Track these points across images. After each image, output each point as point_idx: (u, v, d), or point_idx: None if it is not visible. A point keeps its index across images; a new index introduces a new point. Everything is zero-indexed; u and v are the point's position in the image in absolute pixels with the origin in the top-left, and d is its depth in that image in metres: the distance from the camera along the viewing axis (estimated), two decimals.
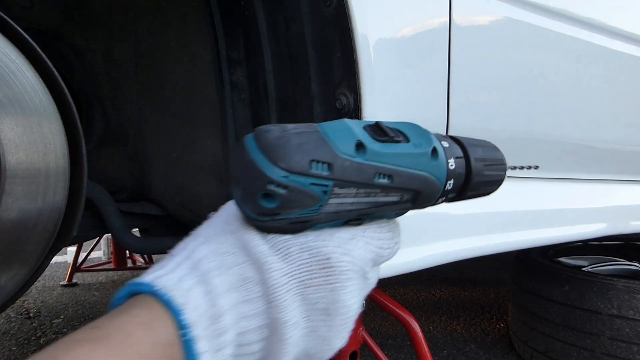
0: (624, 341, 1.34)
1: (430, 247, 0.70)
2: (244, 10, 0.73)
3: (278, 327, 0.34)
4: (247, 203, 0.32)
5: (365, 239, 0.38)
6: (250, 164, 0.31)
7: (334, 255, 0.35)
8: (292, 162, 0.30)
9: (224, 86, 0.79)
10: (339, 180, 0.32)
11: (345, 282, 0.35)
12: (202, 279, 0.32)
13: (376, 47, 0.62)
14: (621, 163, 1.22)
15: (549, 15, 0.89)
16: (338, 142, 0.32)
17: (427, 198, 0.38)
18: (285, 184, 0.30)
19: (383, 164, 0.34)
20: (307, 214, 0.33)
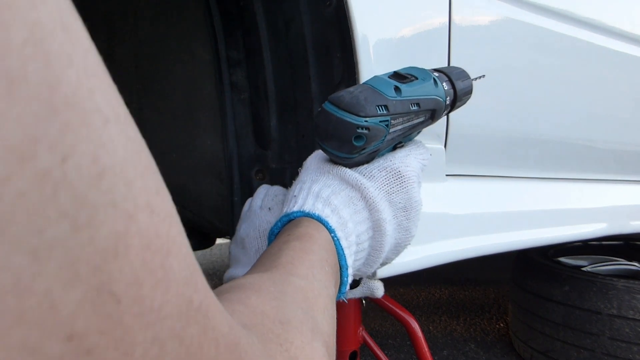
0: (624, 341, 1.34)
1: (430, 247, 0.70)
2: (244, 10, 0.74)
3: (380, 225, 0.48)
4: (344, 147, 0.45)
5: (414, 154, 0.52)
6: (340, 121, 0.44)
7: (401, 168, 0.50)
8: (367, 110, 0.44)
9: (223, 86, 0.79)
10: (394, 114, 0.46)
11: (413, 184, 0.50)
12: (326, 202, 0.46)
13: (376, 47, 0.62)
14: (621, 163, 1.22)
15: (549, 15, 0.89)
16: (385, 90, 0.46)
17: (439, 113, 0.53)
18: (368, 126, 0.44)
19: (412, 96, 0.48)
20: (378, 144, 0.47)
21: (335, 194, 0.47)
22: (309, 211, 0.44)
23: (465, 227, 0.78)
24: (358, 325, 0.81)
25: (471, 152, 0.84)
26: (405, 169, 0.50)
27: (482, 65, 0.81)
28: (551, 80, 0.94)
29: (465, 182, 0.84)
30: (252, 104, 0.80)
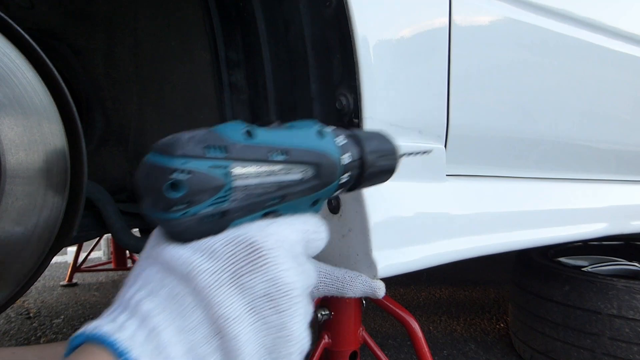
0: (624, 341, 1.34)
1: (430, 247, 0.70)
2: (243, 11, 0.73)
3: (222, 327, 0.33)
4: (158, 204, 0.33)
5: (287, 222, 0.38)
6: (151, 167, 0.33)
7: (256, 238, 0.35)
8: (187, 150, 0.33)
9: (223, 87, 0.79)
10: (236, 159, 0.34)
11: (276, 259, 0.35)
12: (133, 312, 0.32)
13: (376, 48, 0.62)
14: (621, 163, 1.22)
15: (549, 15, 0.89)
16: (227, 133, 0.35)
17: (329, 173, 0.41)
18: (187, 169, 0.32)
19: (274, 143, 0.37)
20: (219, 202, 0.34)
21: (152, 293, 0.33)
22: (94, 332, 0.31)
23: (466, 227, 0.78)
24: (358, 325, 0.81)
25: (471, 152, 0.84)
26: (263, 239, 0.35)
27: (482, 65, 0.81)
28: (551, 80, 0.94)
29: (465, 182, 0.84)
30: (252, 105, 0.80)
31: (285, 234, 0.37)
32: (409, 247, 0.68)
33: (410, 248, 0.68)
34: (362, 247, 0.62)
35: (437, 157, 0.75)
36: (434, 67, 0.72)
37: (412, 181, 0.70)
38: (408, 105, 0.69)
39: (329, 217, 0.66)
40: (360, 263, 0.62)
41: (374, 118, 0.63)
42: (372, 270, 0.61)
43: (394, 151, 0.49)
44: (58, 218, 0.56)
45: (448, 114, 0.76)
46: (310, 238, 0.40)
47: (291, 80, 0.71)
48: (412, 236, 0.69)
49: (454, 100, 0.76)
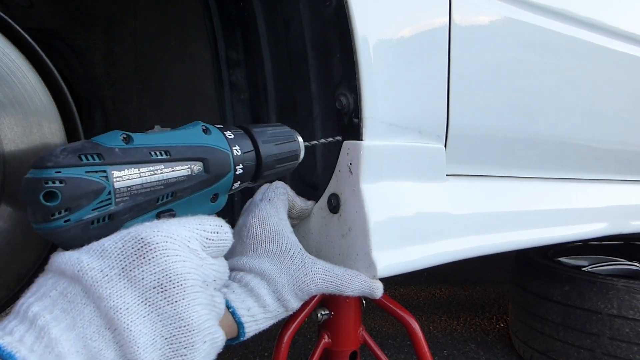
0: (624, 341, 1.34)
1: (430, 247, 0.70)
2: (243, 10, 0.74)
3: (113, 319, 0.33)
4: (38, 215, 0.33)
5: (180, 220, 0.39)
6: (26, 182, 0.34)
7: (146, 234, 0.35)
8: (59, 160, 0.33)
9: (223, 87, 0.79)
10: (114, 163, 0.35)
11: (166, 252, 0.35)
12: (23, 317, 0.32)
13: (376, 48, 0.62)
14: (621, 163, 1.22)
15: (549, 15, 0.89)
16: (103, 140, 0.36)
17: (219, 165, 0.42)
18: (61, 178, 0.33)
19: (154, 144, 0.37)
20: (103, 205, 0.35)
21: (43, 297, 0.33)
22: None
23: (465, 227, 0.78)
24: (358, 325, 0.81)
25: (471, 152, 0.84)
26: (152, 234, 0.35)
27: (482, 65, 0.81)
28: (551, 80, 0.94)
29: (465, 182, 0.84)
30: (252, 104, 0.80)
31: (176, 229, 0.38)
32: (409, 247, 0.68)
33: (410, 248, 0.68)
34: (362, 246, 0.62)
35: (437, 157, 0.75)
36: (434, 67, 0.72)
37: (412, 181, 0.70)
38: (408, 105, 0.69)
39: (329, 216, 0.66)
40: (360, 263, 0.62)
41: (374, 118, 0.63)
42: (371, 270, 0.61)
43: (291, 136, 0.50)
44: None
45: (448, 114, 0.76)
46: (208, 237, 0.40)
47: (291, 80, 0.71)
48: (412, 236, 0.68)
49: (454, 100, 0.76)
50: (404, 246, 0.67)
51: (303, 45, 0.66)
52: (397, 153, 0.68)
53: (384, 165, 0.65)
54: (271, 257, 0.57)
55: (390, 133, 0.66)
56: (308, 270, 0.57)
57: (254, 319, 0.55)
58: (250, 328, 0.55)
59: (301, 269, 0.57)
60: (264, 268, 0.56)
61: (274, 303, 0.56)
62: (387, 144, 0.66)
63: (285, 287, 0.56)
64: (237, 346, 1.78)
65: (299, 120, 0.72)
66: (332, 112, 0.66)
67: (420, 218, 0.70)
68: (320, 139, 0.56)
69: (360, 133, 0.62)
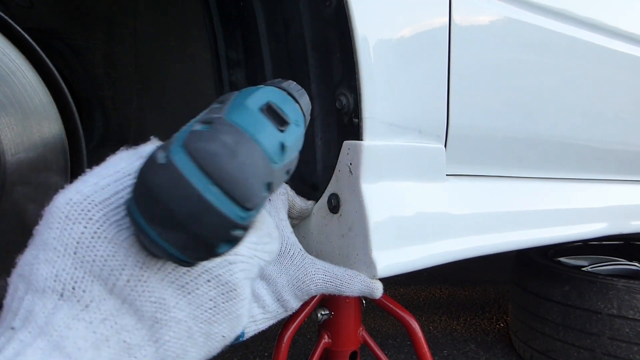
0: (624, 341, 1.34)
1: (430, 247, 0.70)
2: (243, 10, 0.73)
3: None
4: (192, 252, 0.25)
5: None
6: (205, 208, 0.24)
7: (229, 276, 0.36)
8: (255, 199, 0.25)
9: (223, 87, 0.79)
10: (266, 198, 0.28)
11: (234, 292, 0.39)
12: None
13: (376, 48, 0.62)
14: (621, 163, 1.22)
15: (549, 15, 0.89)
16: (271, 150, 0.28)
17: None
18: (247, 225, 0.25)
19: (288, 160, 0.30)
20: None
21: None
22: None
23: (465, 226, 0.78)
24: (358, 325, 0.81)
25: (471, 152, 0.84)
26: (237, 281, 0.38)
27: (482, 65, 0.81)
28: (551, 80, 0.94)
29: (465, 182, 0.84)
30: None
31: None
32: (409, 247, 0.68)
33: (410, 248, 0.68)
34: (362, 246, 0.62)
35: (437, 157, 0.75)
36: (434, 67, 0.72)
37: (412, 181, 0.70)
38: (408, 105, 0.69)
39: (329, 216, 0.66)
40: (360, 263, 0.62)
41: (374, 118, 0.63)
42: (371, 270, 0.61)
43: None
44: None
45: (448, 114, 0.76)
46: (263, 259, 0.47)
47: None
48: (412, 236, 0.68)
49: (454, 100, 0.76)
50: (404, 246, 0.67)
51: (303, 45, 0.66)
52: (397, 153, 0.68)
53: (384, 165, 0.65)
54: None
55: (390, 133, 0.66)
56: (308, 270, 0.57)
57: (253, 320, 0.55)
58: (250, 328, 0.55)
59: (301, 270, 0.57)
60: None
61: (274, 303, 0.56)
62: (387, 144, 0.66)
63: (284, 287, 0.56)
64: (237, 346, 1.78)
65: None
66: (332, 112, 0.66)
67: (420, 218, 0.70)
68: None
69: (360, 133, 0.62)
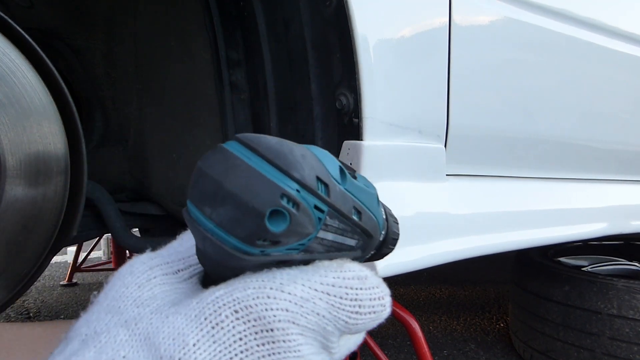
0: (624, 341, 1.34)
1: (430, 247, 0.70)
2: (243, 10, 0.73)
3: None
4: (242, 226, 0.23)
5: (324, 295, 0.25)
6: (252, 174, 0.23)
7: (275, 323, 0.23)
8: (304, 174, 0.24)
9: (223, 87, 0.79)
10: (333, 206, 0.26)
11: (289, 344, 0.23)
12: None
13: (376, 48, 0.62)
14: (621, 163, 1.22)
15: (549, 15, 0.89)
16: (327, 163, 0.26)
17: (372, 246, 0.32)
18: (298, 201, 0.24)
19: (356, 197, 0.28)
20: (294, 249, 0.26)
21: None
22: None
23: (466, 227, 0.78)
24: None
25: (471, 152, 0.84)
26: (268, 309, 0.23)
27: (482, 65, 0.81)
28: (551, 80, 0.94)
29: (465, 182, 0.84)
30: (252, 104, 0.80)
31: (310, 302, 0.25)
32: (409, 247, 0.68)
33: (410, 248, 0.68)
34: None
35: (437, 157, 0.75)
36: (434, 67, 0.72)
37: (412, 181, 0.70)
38: (408, 105, 0.69)
39: None
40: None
41: (374, 118, 0.63)
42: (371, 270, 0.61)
43: (397, 219, 0.40)
44: (58, 218, 0.56)
45: (448, 114, 0.76)
46: (349, 311, 0.27)
47: (291, 80, 0.71)
48: (412, 236, 0.68)
49: (454, 100, 0.76)
50: (404, 246, 0.67)
51: (303, 45, 0.66)
52: (397, 153, 0.68)
53: (384, 165, 0.65)
54: None
55: (390, 133, 0.66)
56: None
57: None
58: None
59: None
60: None
61: None
62: (387, 144, 0.66)
63: None
64: None
65: (299, 120, 0.72)
66: (332, 112, 0.66)
67: (421, 218, 0.70)
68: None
69: (361, 133, 0.62)
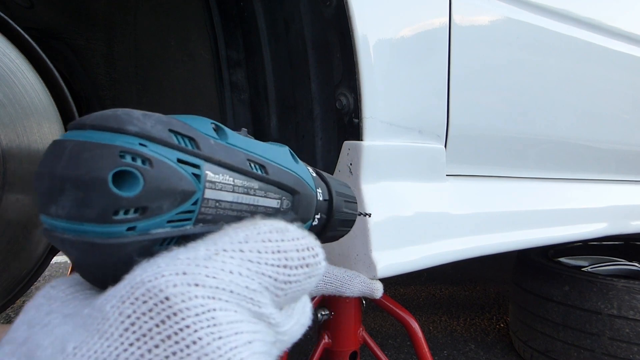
0: (624, 341, 1.34)
1: (430, 247, 0.70)
2: (244, 10, 0.73)
3: None
4: (90, 205, 0.19)
5: (237, 252, 0.22)
6: (81, 148, 0.20)
7: (170, 289, 0.19)
8: (146, 127, 0.21)
9: (223, 86, 0.79)
10: (210, 159, 0.23)
11: (195, 322, 0.19)
12: None
13: (376, 47, 0.62)
14: (621, 163, 1.22)
15: (549, 15, 0.89)
16: (194, 122, 0.24)
17: (306, 205, 0.31)
18: (147, 155, 0.20)
19: (250, 152, 0.26)
20: (183, 219, 0.22)
21: None
22: None
23: (465, 227, 0.78)
24: (358, 325, 0.81)
25: (471, 152, 0.84)
26: (182, 291, 0.20)
27: (482, 65, 0.81)
28: (551, 80, 0.94)
29: (465, 182, 0.84)
30: (252, 104, 0.80)
31: (230, 276, 0.22)
32: (409, 247, 0.68)
33: (410, 248, 0.68)
34: (362, 247, 0.62)
35: (437, 157, 0.75)
36: (434, 67, 0.72)
37: (412, 181, 0.70)
38: (408, 104, 0.69)
39: None
40: (360, 263, 0.62)
41: (374, 118, 0.63)
42: (371, 271, 0.61)
43: (355, 199, 0.39)
44: None
45: (448, 114, 0.76)
46: (284, 273, 0.24)
47: (291, 80, 0.71)
48: (412, 236, 0.68)
49: (454, 100, 0.76)
50: (404, 246, 0.67)
51: (303, 45, 0.66)
52: (397, 153, 0.68)
53: (384, 166, 0.65)
54: None
55: (390, 133, 0.66)
56: None
57: None
58: None
59: None
60: None
61: None
62: (387, 144, 0.66)
63: None
64: None
65: (299, 120, 0.72)
66: (332, 112, 0.66)
67: (420, 218, 0.70)
68: (360, 213, 0.43)
69: (360, 133, 0.62)
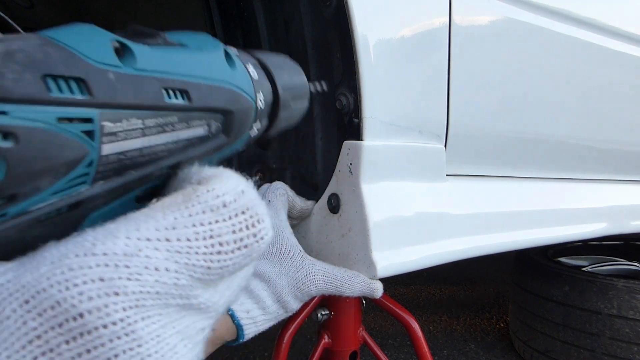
0: (624, 341, 1.34)
1: (430, 247, 0.70)
2: (244, 10, 0.73)
3: None
4: None
5: (163, 243, 0.19)
6: None
7: (84, 303, 0.17)
8: (5, 82, 0.15)
9: None
10: (108, 104, 0.17)
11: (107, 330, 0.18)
12: None
13: (376, 47, 0.62)
14: (621, 163, 1.22)
15: (549, 15, 0.89)
16: (84, 47, 0.17)
17: (241, 122, 0.26)
18: (7, 127, 0.15)
19: (167, 74, 0.20)
20: (73, 185, 0.17)
21: None
22: None
23: (465, 227, 0.78)
24: (358, 325, 0.81)
25: (471, 152, 0.84)
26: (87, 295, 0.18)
27: (482, 65, 0.81)
28: (551, 80, 0.94)
29: (465, 182, 0.84)
30: None
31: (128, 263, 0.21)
32: (409, 247, 0.68)
33: (410, 248, 0.68)
34: (362, 247, 0.62)
35: (437, 157, 0.75)
36: (434, 67, 0.72)
37: (412, 181, 0.70)
38: (408, 104, 0.69)
39: (329, 216, 0.66)
40: (360, 263, 0.62)
41: (374, 118, 0.63)
42: (371, 270, 0.61)
43: (306, 86, 0.35)
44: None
45: (448, 114, 0.76)
46: (206, 261, 0.24)
47: None
48: (412, 236, 0.68)
49: (454, 100, 0.76)
50: (404, 246, 0.67)
51: (303, 45, 0.66)
52: (397, 153, 0.68)
53: (384, 166, 0.65)
54: (271, 259, 0.57)
55: (390, 133, 0.66)
56: (308, 271, 0.57)
57: (254, 321, 0.55)
58: (250, 330, 0.55)
59: (301, 271, 0.57)
60: (263, 270, 0.56)
61: (274, 304, 0.56)
62: (387, 144, 0.66)
63: (285, 288, 0.56)
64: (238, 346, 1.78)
65: None
66: (332, 112, 0.66)
67: (420, 218, 0.70)
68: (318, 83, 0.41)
69: (361, 133, 0.62)
